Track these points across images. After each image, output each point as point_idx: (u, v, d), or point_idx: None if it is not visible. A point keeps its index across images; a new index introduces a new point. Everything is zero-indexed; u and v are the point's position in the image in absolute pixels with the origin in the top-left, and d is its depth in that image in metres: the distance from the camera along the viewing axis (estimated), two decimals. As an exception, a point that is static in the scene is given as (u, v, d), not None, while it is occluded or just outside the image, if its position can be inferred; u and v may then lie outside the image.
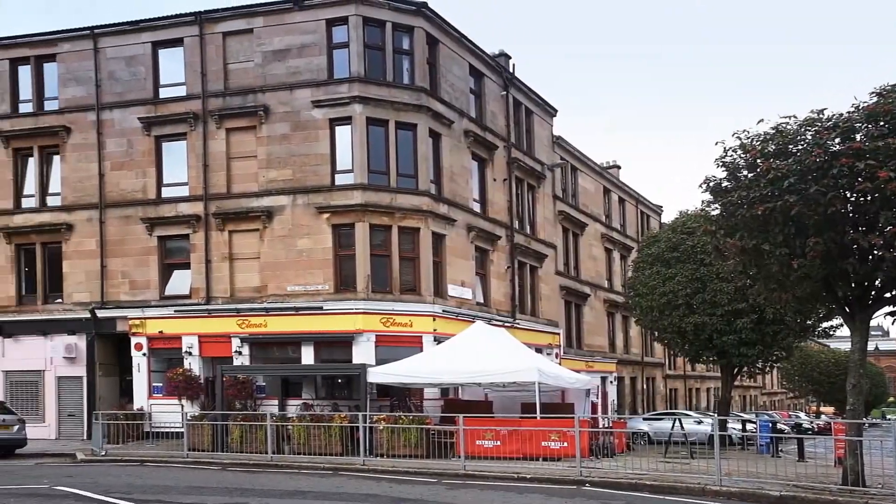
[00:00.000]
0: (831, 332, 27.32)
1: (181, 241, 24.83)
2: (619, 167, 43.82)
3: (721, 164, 13.94)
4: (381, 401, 21.66)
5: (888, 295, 13.46)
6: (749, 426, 26.63)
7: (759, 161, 12.89)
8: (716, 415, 20.01)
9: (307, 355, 23.10)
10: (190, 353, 23.98)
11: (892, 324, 76.85)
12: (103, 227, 25.24)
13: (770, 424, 25.80)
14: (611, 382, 36.24)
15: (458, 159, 25.60)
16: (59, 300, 25.83)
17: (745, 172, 13.47)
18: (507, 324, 26.48)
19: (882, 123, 12.00)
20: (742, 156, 13.46)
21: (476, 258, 26.42)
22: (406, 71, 24.02)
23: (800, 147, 12.63)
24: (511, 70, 29.17)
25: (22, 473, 15.84)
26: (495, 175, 27.69)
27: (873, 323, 15.66)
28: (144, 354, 24.51)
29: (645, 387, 43.42)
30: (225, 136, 24.34)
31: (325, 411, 20.62)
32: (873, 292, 13.41)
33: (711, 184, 14.24)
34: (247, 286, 24.02)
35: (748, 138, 13.49)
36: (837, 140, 12.22)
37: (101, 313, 25.02)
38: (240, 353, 23.50)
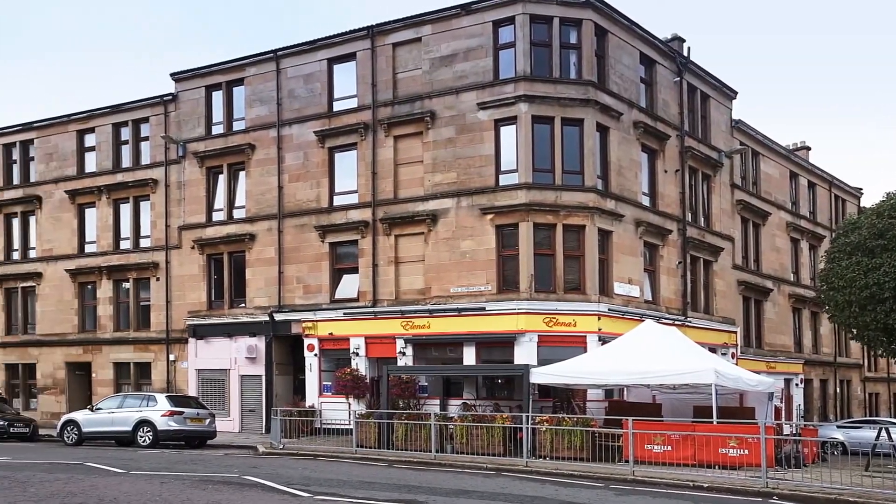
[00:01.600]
0: None
1: (350, 246, 25.58)
2: (808, 148, 39.76)
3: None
4: (543, 401, 20.98)
5: None
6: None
7: None
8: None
9: (469, 356, 22.87)
10: (357, 354, 24.51)
11: None
12: (281, 235, 26.63)
13: None
14: (796, 385, 32.58)
15: (627, 152, 24.44)
16: (243, 304, 27.49)
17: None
18: (677, 322, 24.75)
19: None
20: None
21: (644, 254, 24.99)
22: (573, 65, 23.38)
23: None
24: (686, 54, 27.58)
25: (215, 463, 16.89)
26: (666, 166, 26.15)
27: None
28: (316, 355, 25.38)
29: (838, 390, 38.59)
30: (393, 143, 24.87)
31: (487, 411, 20.22)
32: None
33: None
34: (411, 288, 24.26)
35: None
36: None
37: (278, 316, 26.28)
38: (403, 353, 23.70)
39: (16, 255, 33.40)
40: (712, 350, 24.22)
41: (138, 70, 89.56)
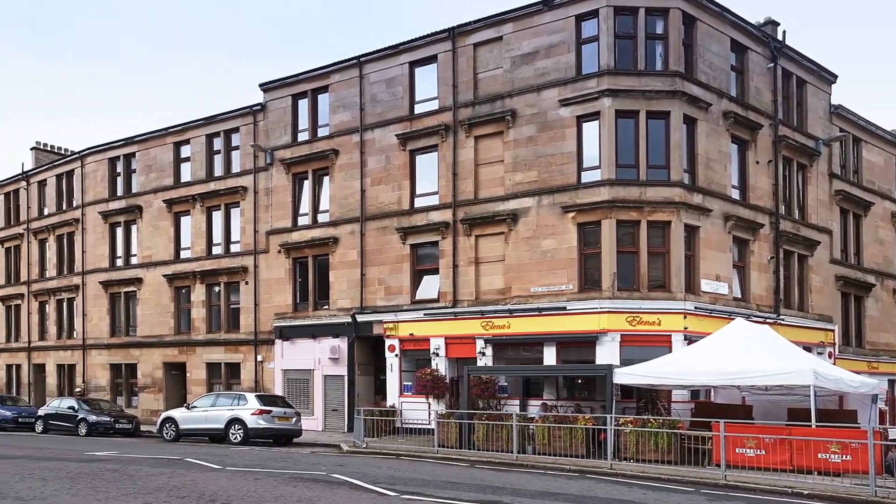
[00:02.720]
0: None
1: (431, 247, 25.56)
2: (916, 131, 37.12)
3: None
4: (625, 402, 20.32)
5: None
6: None
7: None
8: None
9: (549, 356, 22.40)
10: (437, 354, 24.47)
11: None
12: (363, 238, 26.89)
13: None
14: (902, 387, 30.33)
15: (716, 144, 23.39)
16: (326, 307, 27.90)
17: None
18: (769, 320, 23.43)
19: None
20: None
21: (734, 250, 23.82)
22: (659, 56, 22.57)
23: None
24: (780, 38, 26.20)
25: (303, 461, 17.22)
26: (758, 157, 24.86)
27: None
28: (397, 355, 25.50)
29: (950, 393, 35.59)
30: (473, 143, 24.71)
31: (568, 412, 19.73)
32: None
33: None
34: (491, 289, 24.01)
35: None
36: None
37: (360, 318, 26.53)
38: (483, 353, 23.47)
39: (119, 262, 35.20)
40: (807, 349, 22.88)
41: (226, 82, 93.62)
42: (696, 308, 21.55)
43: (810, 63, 27.54)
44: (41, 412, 29.10)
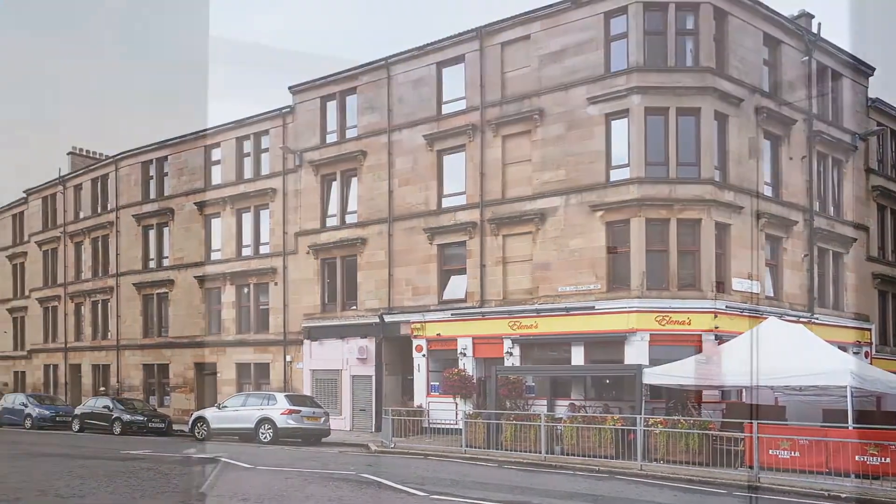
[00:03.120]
0: None
1: (458, 247, 25.51)
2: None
3: None
4: (654, 403, 19.97)
5: None
6: None
7: None
8: None
9: (577, 355, 22.22)
10: (464, 355, 24.42)
11: None
12: (391, 239, 26.91)
13: None
14: (943, 389, 29.35)
15: (748, 140, 22.95)
16: (354, 307, 27.97)
17: None
18: (802, 319, 22.95)
19: None
20: None
21: (766, 247, 23.35)
22: (689, 52, 22.23)
23: None
24: (815, 31, 25.62)
25: (331, 460, 17.35)
26: (791, 153, 24.33)
27: None
28: (424, 355, 25.50)
29: None
30: (501, 143, 24.62)
31: (597, 412, 19.52)
32: None
33: None
34: (518, 288, 23.87)
35: None
36: None
37: (388, 318, 26.56)
38: (511, 353, 23.36)
39: (152, 264, 35.72)
40: (842, 349, 22.35)
41: (255, 87, 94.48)
42: (726, 307, 21.20)
43: (846, 56, 26.88)
44: (77, 411, 29.60)
